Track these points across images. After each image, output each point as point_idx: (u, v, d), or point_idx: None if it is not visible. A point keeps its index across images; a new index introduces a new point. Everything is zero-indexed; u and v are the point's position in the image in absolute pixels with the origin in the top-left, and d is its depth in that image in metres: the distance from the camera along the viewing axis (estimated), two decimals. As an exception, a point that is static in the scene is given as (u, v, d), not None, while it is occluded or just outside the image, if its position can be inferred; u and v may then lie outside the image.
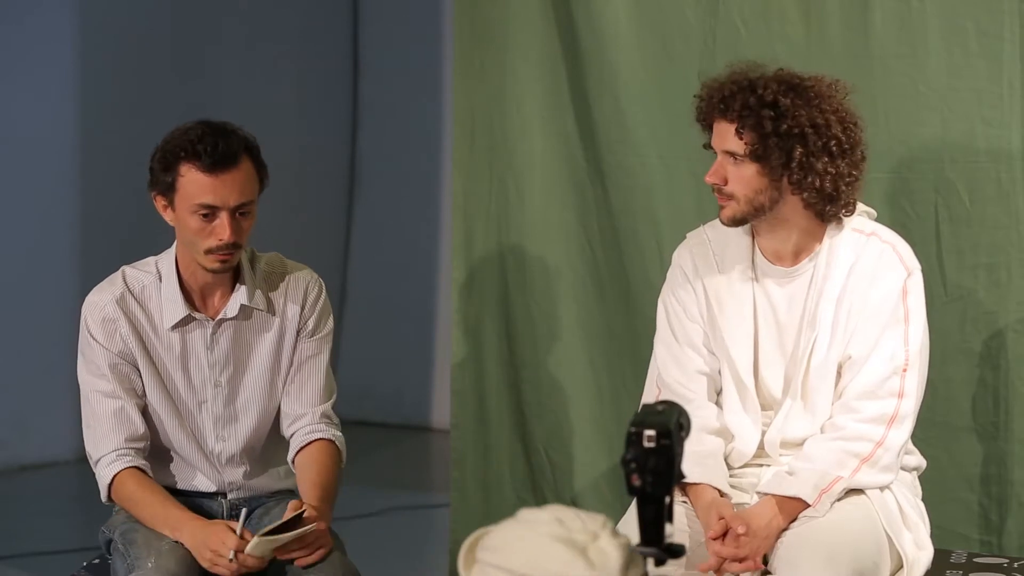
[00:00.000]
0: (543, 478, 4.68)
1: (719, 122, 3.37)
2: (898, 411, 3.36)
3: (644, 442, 2.30)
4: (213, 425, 3.64)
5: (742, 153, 3.34)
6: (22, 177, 6.72)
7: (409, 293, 7.84)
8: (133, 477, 3.54)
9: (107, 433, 3.57)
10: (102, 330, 3.59)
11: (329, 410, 3.69)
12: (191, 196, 3.47)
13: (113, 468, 3.55)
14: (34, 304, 6.77)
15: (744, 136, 3.33)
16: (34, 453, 6.77)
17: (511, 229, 4.65)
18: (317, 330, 3.68)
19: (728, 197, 3.38)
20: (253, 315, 3.62)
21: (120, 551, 3.53)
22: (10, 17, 6.63)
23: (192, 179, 3.47)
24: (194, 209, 3.47)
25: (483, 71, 4.64)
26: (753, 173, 3.34)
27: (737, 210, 3.38)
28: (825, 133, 3.32)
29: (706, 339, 3.50)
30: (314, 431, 3.65)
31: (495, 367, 4.72)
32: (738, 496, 3.43)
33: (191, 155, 3.46)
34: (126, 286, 3.60)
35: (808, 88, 3.35)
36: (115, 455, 3.55)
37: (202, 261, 3.52)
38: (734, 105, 3.33)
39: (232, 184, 3.47)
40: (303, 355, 3.67)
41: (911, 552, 3.40)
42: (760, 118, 3.31)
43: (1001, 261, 4.06)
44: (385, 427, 7.70)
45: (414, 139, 7.76)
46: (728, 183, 3.37)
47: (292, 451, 3.66)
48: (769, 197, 3.36)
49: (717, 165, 3.38)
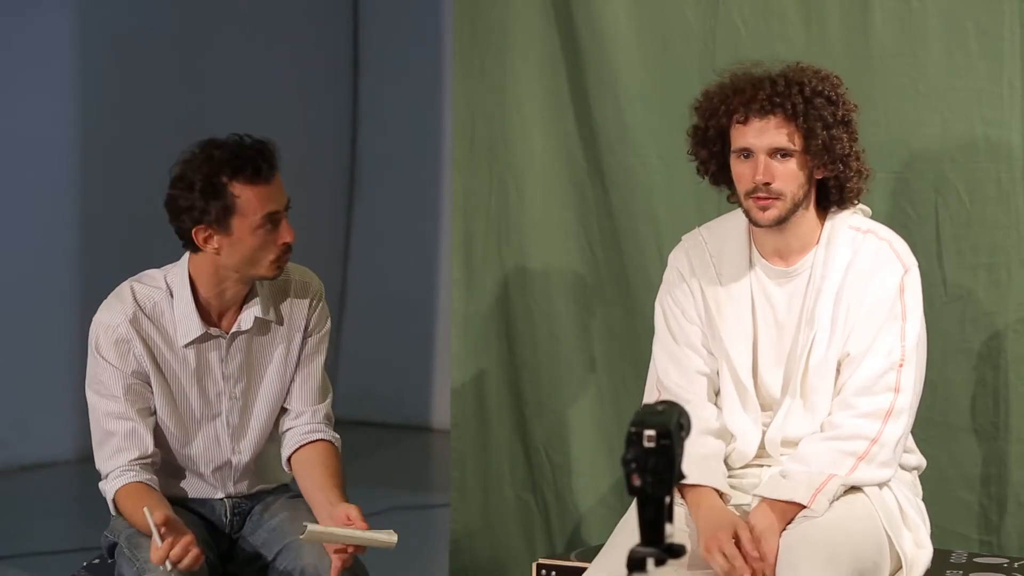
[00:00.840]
0: (543, 478, 4.68)
1: (765, 119, 3.33)
2: (894, 406, 3.36)
3: (644, 442, 2.30)
4: (229, 438, 3.64)
5: (798, 148, 3.32)
6: (23, 177, 6.72)
7: (409, 293, 7.84)
8: (134, 492, 3.51)
9: (115, 453, 3.55)
10: (115, 351, 3.54)
11: (329, 410, 3.70)
12: (255, 211, 3.44)
13: (116, 484, 3.54)
14: (34, 304, 6.78)
15: (805, 129, 3.32)
16: (34, 453, 6.77)
17: (511, 229, 4.65)
18: (317, 330, 3.68)
19: (776, 196, 3.34)
20: (267, 328, 3.63)
21: (127, 556, 3.51)
22: (11, 17, 6.64)
23: (251, 195, 3.44)
24: (260, 223, 3.45)
25: (483, 71, 4.64)
26: (798, 167, 3.34)
27: (784, 208, 3.35)
28: (852, 123, 3.38)
29: (704, 339, 3.50)
30: (316, 430, 3.65)
31: (495, 367, 4.72)
32: (739, 497, 3.43)
33: (238, 172, 3.43)
34: (137, 305, 3.55)
35: (828, 76, 3.39)
36: (119, 471, 3.54)
37: (264, 272, 3.51)
38: (791, 100, 3.31)
39: (280, 184, 3.49)
40: (304, 354, 3.67)
41: (911, 552, 3.40)
42: (819, 109, 3.31)
43: (1001, 261, 4.06)
44: (385, 427, 7.71)
45: (414, 139, 7.76)
46: (776, 180, 3.34)
47: (290, 448, 3.66)
48: (805, 191, 3.37)
49: (764, 164, 3.33)
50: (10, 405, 6.71)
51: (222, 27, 7.38)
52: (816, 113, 3.32)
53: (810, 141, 3.32)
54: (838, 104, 3.35)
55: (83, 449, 3.59)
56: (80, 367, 3.69)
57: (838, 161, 3.35)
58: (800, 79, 3.35)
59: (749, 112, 3.34)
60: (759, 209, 3.36)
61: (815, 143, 3.32)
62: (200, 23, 7.27)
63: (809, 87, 3.33)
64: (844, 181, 3.39)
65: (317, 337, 3.69)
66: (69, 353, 6.65)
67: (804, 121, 3.31)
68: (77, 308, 6.72)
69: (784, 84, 3.33)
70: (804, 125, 3.31)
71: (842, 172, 3.37)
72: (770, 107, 3.32)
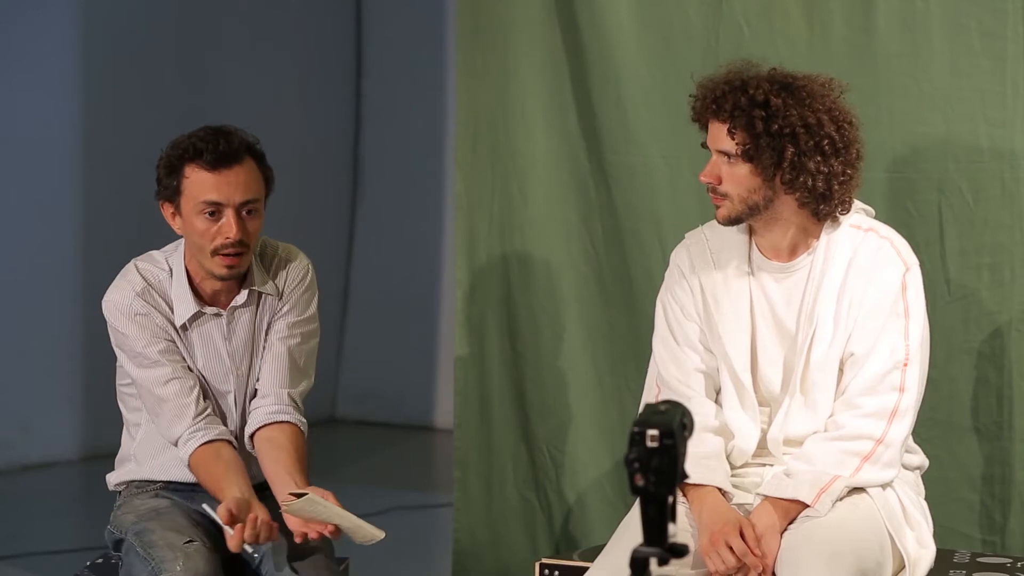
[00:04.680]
0: (546, 477, 4.68)
1: (712, 122, 3.39)
2: (899, 405, 3.37)
3: (647, 442, 2.30)
4: (239, 417, 3.64)
5: (735, 153, 3.35)
6: (25, 177, 6.73)
7: (412, 293, 7.84)
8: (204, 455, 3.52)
9: (174, 418, 3.56)
10: (136, 325, 3.57)
11: (298, 394, 3.67)
12: (196, 195, 3.48)
13: (188, 448, 3.54)
14: (37, 304, 6.78)
15: (736, 136, 3.34)
16: (37, 453, 6.77)
17: (514, 229, 4.65)
18: (293, 311, 3.67)
19: (723, 196, 3.39)
20: (264, 301, 3.63)
21: (140, 554, 3.50)
22: (13, 16, 6.64)
23: (196, 178, 3.49)
24: (200, 208, 3.48)
25: (486, 71, 4.65)
26: (746, 172, 3.36)
27: (732, 209, 3.40)
28: (817, 132, 3.33)
29: (703, 337, 3.51)
30: (282, 411, 3.63)
31: (498, 367, 4.72)
32: (740, 496, 3.43)
33: (194, 155, 3.49)
34: (145, 280, 3.60)
35: (800, 87, 3.36)
36: (188, 434, 3.55)
37: (210, 266, 3.54)
38: (726, 105, 3.35)
39: (235, 180, 3.49)
40: (276, 333, 3.66)
41: (913, 551, 3.40)
42: (751, 118, 3.32)
43: (1004, 260, 4.06)
44: (388, 427, 7.71)
45: (417, 139, 7.77)
46: (722, 182, 3.38)
47: (254, 425, 3.63)
48: (763, 196, 3.37)
49: (711, 165, 3.40)
50: (13, 404, 6.71)
51: (224, 28, 7.38)
52: (745, 122, 3.32)
53: (741, 147, 3.33)
54: (778, 116, 3.30)
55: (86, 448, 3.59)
56: (83, 366, 3.69)
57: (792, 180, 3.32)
58: (747, 85, 3.35)
59: (704, 114, 3.41)
60: (715, 207, 3.42)
61: (745, 150, 3.33)
62: (203, 23, 7.27)
63: (749, 95, 3.32)
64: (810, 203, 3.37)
65: (302, 321, 3.67)
66: (72, 352, 6.66)
67: (732, 128, 3.34)
68: (80, 307, 6.73)
69: (727, 89, 3.36)
70: (733, 132, 3.34)
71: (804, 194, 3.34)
72: (713, 111, 3.37)
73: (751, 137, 3.33)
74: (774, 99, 3.32)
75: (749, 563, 3.27)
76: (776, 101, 3.32)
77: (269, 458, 3.57)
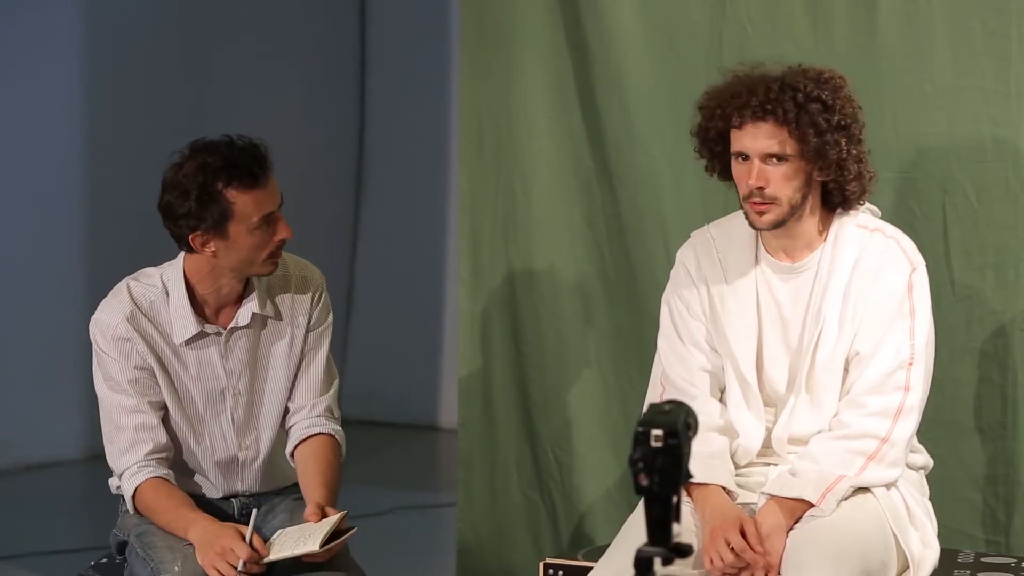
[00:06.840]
0: (550, 477, 4.68)
1: (756, 124, 3.32)
2: (904, 404, 3.36)
3: (652, 441, 2.30)
4: (235, 435, 3.64)
5: (792, 153, 3.32)
6: (28, 177, 6.73)
7: (416, 292, 7.84)
8: (152, 487, 3.54)
9: (128, 448, 3.56)
10: (117, 349, 3.56)
11: (330, 402, 3.70)
12: (250, 214, 3.46)
13: (134, 481, 3.55)
14: (40, 304, 6.78)
15: (797, 135, 3.31)
16: (40, 453, 6.77)
17: (518, 229, 4.65)
18: (318, 324, 3.69)
19: (770, 201, 3.34)
20: (265, 323, 3.63)
21: (140, 556, 3.51)
22: (16, 16, 6.64)
23: (244, 200, 3.45)
24: (257, 225, 3.47)
25: (490, 71, 4.65)
26: (794, 171, 3.33)
27: (780, 213, 3.35)
28: (857, 120, 3.36)
29: (709, 336, 3.50)
30: (314, 424, 3.66)
31: (502, 367, 4.72)
32: (745, 495, 3.43)
33: (232, 179, 3.44)
34: (134, 303, 3.57)
35: (829, 79, 3.37)
36: (136, 467, 3.55)
37: (260, 269, 3.54)
38: (785, 105, 3.30)
39: (270, 185, 3.51)
40: (307, 348, 3.68)
41: (918, 551, 3.40)
42: (813, 115, 3.30)
43: (1009, 260, 4.06)
44: (392, 427, 7.71)
45: (421, 139, 7.77)
46: (769, 185, 3.33)
47: (292, 444, 3.67)
48: (803, 194, 3.36)
49: (758, 169, 3.33)
50: (16, 405, 6.71)
51: (228, 26, 7.38)
52: (809, 119, 3.30)
53: (803, 147, 3.31)
54: (834, 109, 3.32)
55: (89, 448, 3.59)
56: (86, 367, 3.70)
57: (834, 166, 3.34)
58: (796, 84, 3.33)
59: (743, 117, 3.33)
60: (756, 214, 3.37)
61: (808, 149, 3.31)
62: (206, 22, 7.27)
63: (803, 93, 3.31)
64: (844, 184, 3.38)
65: (319, 331, 3.70)
66: (75, 353, 6.65)
67: (796, 127, 3.31)
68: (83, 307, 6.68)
69: (778, 89, 3.32)
70: (796, 131, 3.31)
71: (840, 176, 3.36)
72: (763, 113, 3.31)
73: (816, 134, 3.31)
74: (824, 94, 3.32)
75: (748, 559, 3.26)
76: (825, 95, 3.32)
77: (300, 474, 3.64)
